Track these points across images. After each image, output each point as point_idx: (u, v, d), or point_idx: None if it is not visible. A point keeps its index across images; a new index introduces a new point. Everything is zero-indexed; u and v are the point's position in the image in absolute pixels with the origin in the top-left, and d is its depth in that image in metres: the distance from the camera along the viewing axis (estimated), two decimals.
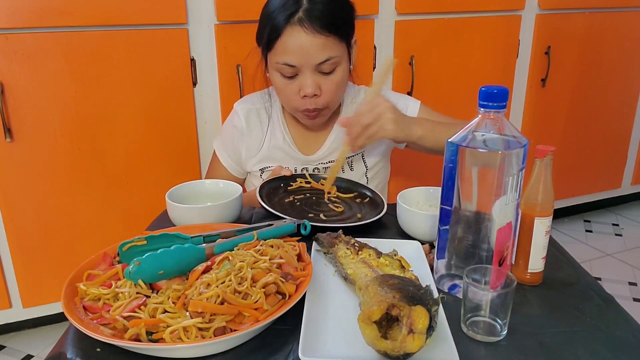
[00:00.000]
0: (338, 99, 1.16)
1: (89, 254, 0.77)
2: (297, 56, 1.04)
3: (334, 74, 1.08)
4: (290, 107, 1.14)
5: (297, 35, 1.02)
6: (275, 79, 1.10)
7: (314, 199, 1.06)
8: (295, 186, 1.09)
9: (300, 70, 1.06)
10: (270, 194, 1.03)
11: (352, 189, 1.11)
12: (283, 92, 1.11)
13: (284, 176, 1.11)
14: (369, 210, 1.03)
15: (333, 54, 1.05)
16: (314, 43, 1.03)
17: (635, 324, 0.69)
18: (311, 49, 1.03)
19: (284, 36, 1.03)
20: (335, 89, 1.10)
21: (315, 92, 1.07)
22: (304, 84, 1.07)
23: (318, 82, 1.07)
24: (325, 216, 0.98)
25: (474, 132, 0.70)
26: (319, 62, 1.05)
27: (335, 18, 1.04)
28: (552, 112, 2.17)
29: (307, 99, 1.08)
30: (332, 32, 1.04)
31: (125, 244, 0.76)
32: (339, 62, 1.08)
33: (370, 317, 0.59)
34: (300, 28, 1.02)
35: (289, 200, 1.03)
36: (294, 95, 1.09)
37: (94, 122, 1.50)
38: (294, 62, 1.04)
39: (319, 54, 1.04)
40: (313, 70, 1.06)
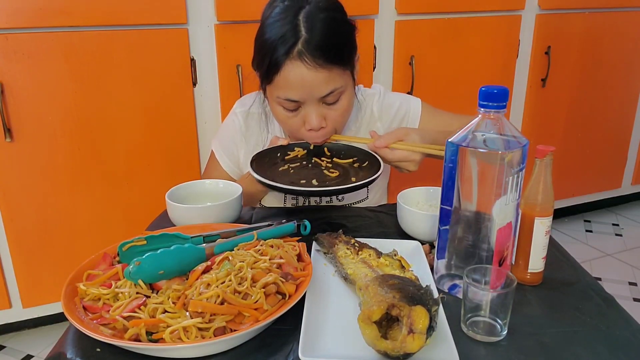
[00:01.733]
0: (345, 123, 1.11)
1: (89, 254, 0.77)
2: (300, 91, 0.98)
3: (339, 103, 1.03)
4: (294, 136, 1.09)
5: (298, 70, 0.96)
6: (277, 112, 1.05)
7: (309, 166, 1.03)
8: (292, 155, 1.06)
9: (304, 103, 1.01)
10: (263, 163, 0.99)
11: (351, 154, 1.07)
12: (286, 125, 1.06)
13: (282, 146, 1.07)
14: (365, 174, 0.99)
15: (337, 85, 0.99)
16: (317, 77, 0.96)
17: (635, 324, 0.69)
18: (314, 83, 0.97)
19: (284, 71, 0.96)
20: (341, 117, 1.06)
21: (321, 124, 1.02)
22: (309, 117, 1.01)
23: (323, 113, 1.02)
24: (318, 181, 0.95)
25: (474, 132, 0.70)
26: (323, 95, 0.99)
27: (336, 46, 0.98)
28: (552, 112, 2.17)
29: (313, 132, 1.04)
30: (335, 63, 0.98)
31: (125, 244, 0.76)
32: (343, 91, 1.02)
33: (370, 317, 0.59)
34: (301, 63, 0.95)
35: (284, 168, 1.01)
36: (298, 127, 1.05)
37: (94, 122, 1.51)
38: (296, 97, 0.99)
39: (322, 88, 0.98)
40: (317, 103, 1.00)
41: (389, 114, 1.20)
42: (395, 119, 1.20)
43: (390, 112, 1.20)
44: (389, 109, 1.20)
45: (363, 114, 1.20)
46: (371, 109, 1.20)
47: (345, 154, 1.08)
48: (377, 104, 1.20)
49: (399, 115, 1.20)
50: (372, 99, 1.20)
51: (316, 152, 1.08)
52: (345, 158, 1.07)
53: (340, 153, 1.08)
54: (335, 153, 1.08)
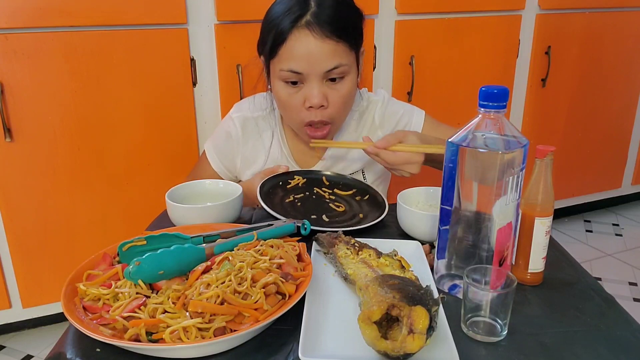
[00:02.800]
0: (345, 114, 1.09)
1: (89, 254, 0.77)
2: (304, 62, 0.97)
3: (342, 84, 1.01)
4: (294, 120, 1.07)
5: (304, 39, 0.95)
6: (279, 90, 1.03)
7: (313, 197, 1.04)
8: (293, 183, 1.07)
9: (307, 78, 0.99)
10: (269, 194, 1.01)
11: (350, 186, 1.10)
12: (287, 103, 1.04)
13: (283, 174, 1.08)
14: (369, 208, 1.02)
15: (342, 61, 0.98)
16: (323, 49, 0.95)
17: (635, 324, 0.69)
18: (320, 54, 0.96)
19: (290, 41, 0.96)
20: (342, 101, 1.03)
21: (322, 102, 1.00)
22: (310, 94, 0.99)
23: (325, 92, 1.00)
24: (328, 217, 0.97)
25: (474, 132, 0.70)
26: (328, 69, 0.98)
27: (345, 23, 0.98)
28: (552, 112, 2.17)
29: (313, 111, 1.01)
30: (342, 38, 0.97)
31: (125, 244, 0.76)
32: (347, 72, 1.01)
33: (370, 317, 0.59)
34: (309, 32, 0.95)
35: (289, 200, 1.02)
36: (298, 107, 1.02)
37: (94, 122, 1.51)
38: (300, 69, 0.97)
39: (327, 61, 0.97)
40: (320, 80, 0.99)
41: (391, 122, 1.18)
42: (397, 129, 1.18)
43: (391, 120, 1.19)
44: (391, 118, 1.19)
45: (365, 120, 1.19)
46: (373, 116, 1.18)
47: (343, 185, 1.10)
48: (380, 111, 1.18)
49: (401, 125, 1.19)
50: (375, 106, 1.18)
51: (315, 181, 1.09)
52: (345, 189, 1.08)
53: (339, 184, 1.10)
54: (334, 184, 1.10)
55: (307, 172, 1.12)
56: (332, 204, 1.03)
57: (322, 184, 1.09)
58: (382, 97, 1.19)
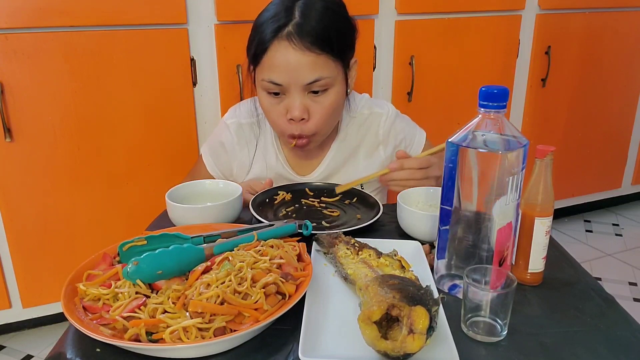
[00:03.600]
0: (329, 126, 1.07)
1: (89, 254, 0.77)
2: (284, 74, 0.96)
3: (324, 96, 0.99)
4: (277, 130, 1.07)
5: (284, 51, 0.94)
6: (262, 98, 1.03)
7: (304, 208, 1.03)
8: (279, 199, 1.06)
9: (288, 90, 0.98)
10: (261, 211, 0.99)
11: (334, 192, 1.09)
12: (269, 113, 1.04)
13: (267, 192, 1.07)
14: (364, 209, 1.02)
15: (324, 74, 0.96)
16: (303, 61, 0.94)
17: (635, 324, 0.69)
18: (299, 67, 0.94)
19: (270, 51, 0.95)
20: (325, 114, 1.01)
21: (303, 115, 0.98)
22: (291, 105, 0.98)
23: (306, 104, 0.99)
24: (327, 222, 0.97)
25: (474, 132, 0.70)
26: (308, 82, 0.96)
27: (328, 35, 0.96)
28: (552, 112, 2.17)
29: (294, 124, 1.00)
30: (324, 50, 0.95)
31: (125, 244, 0.76)
32: (331, 84, 0.99)
33: (370, 318, 0.59)
34: (288, 43, 0.94)
35: (283, 214, 1.01)
36: (280, 117, 1.01)
37: (94, 122, 1.51)
38: (280, 80, 0.96)
39: (307, 74, 0.95)
40: (301, 92, 0.98)
41: (395, 141, 1.18)
42: (399, 148, 1.18)
43: (396, 139, 1.18)
44: (397, 136, 1.18)
45: (367, 129, 1.17)
46: (377, 130, 1.16)
47: (328, 192, 1.09)
48: (386, 126, 1.16)
49: (403, 145, 1.19)
50: (379, 119, 1.16)
51: (300, 193, 1.09)
52: (331, 196, 1.08)
53: (323, 192, 1.10)
54: (318, 192, 1.09)
55: (289, 186, 1.11)
56: (325, 211, 1.02)
57: (307, 195, 1.09)
58: (387, 111, 1.17)
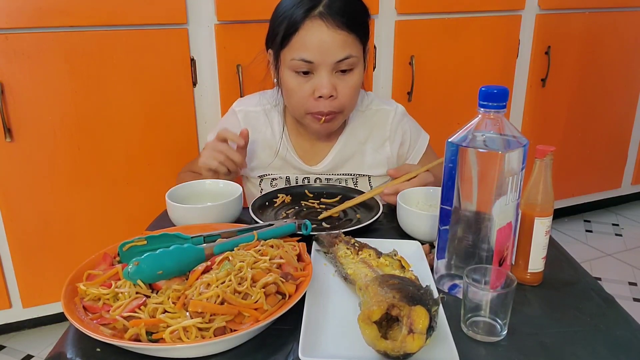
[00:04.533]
0: (353, 104, 1.11)
1: (89, 254, 0.77)
2: (316, 52, 0.99)
3: (350, 75, 1.04)
4: (302, 110, 1.07)
5: (317, 29, 0.98)
6: (288, 79, 1.05)
7: (304, 210, 1.04)
8: (278, 202, 1.06)
9: (317, 68, 1.01)
10: (261, 214, 0.99)
11: (335, 193, 1.10)
12: (296, 93, 1.05)
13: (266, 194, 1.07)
14: (363, 209, 1.02)
15: (353, 52, 1.01)
16: (335, 39, 0.98)
17: (635, 324, 0.69)
18: (331, 45, 0.99)
19: (302, 30, 0.99)
20: (350, 92, 1.05)
21: (331, 92, 1.02)
22: (320, 84, 1.01)
23: (334, 83, 1.02)
24: (327, 223, 0.97)
25: (474, 132, 0.70)
26: (339, 59, 1.00)
27: (355, 16, 1.01)
28: (552, 112, 2.17)
29: (322, 101, 1.03)
30: (353, 30, 1.00)
31: (125, 244, 0.76)
32: (356, 64, 1.03)
33: (370, 317, 0.59)
34: (322, 22, 0.98)
35: (283, 216, 1.01)
36: (306, 96, 1.04)
37: (94, 122, 1.51)
38: (312, 58, 1.00)
39: (339, 51, 0.99)
40: (330, 70, 1.01)
41: (400, 138, 1.19)
42: (403, 146, 1.20)
43: (402, 136, 1.19)
44: (402, 134, 1.19)
45: (374, 123, 1.18)
46: (384, 127, 1.18)
47: (328, 194, 1.10)
48: (394, 123, 1.18)
49: (406, 144, 1.20)
50: (387, 116, 1.18)
51: (299, 196, 1.10)
52: (331, 197, 1.09)
53: (323, 194, 1.10)
54: (318, 194, 1.10)
55: (288, 188, 1.11)
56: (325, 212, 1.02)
57: (306, 197, 1.09)
58: (395, 108, 1.20)
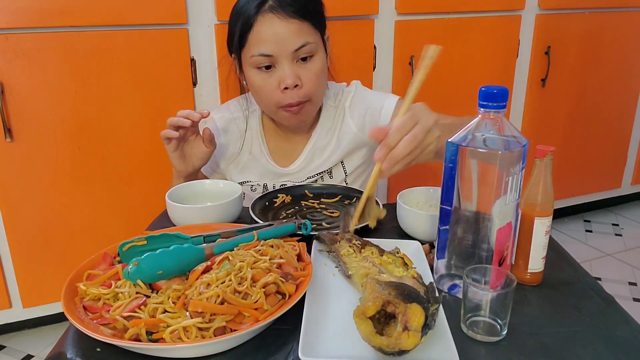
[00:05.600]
0: (320, 91, 1.11)
1: (89, 254, 0.77)
2: (273, 44, 1.00)
3: (312, 62, 1.05)
4: (271, 105, 1.08)
5: (269, 23, 1.00)
6: (252, 77, 1.06)
7: (305, 210, 1.04)
8: (278, 202, 1.06)
9: (278, 60, 1.02)
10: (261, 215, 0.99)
11: (334, 193, 1.10)
12: (262, 90, 1.06)
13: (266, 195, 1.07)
14: None
15: (309, 39, 1.02)
16: (289, 29, 1.00)
17: (635, 324, 0.69)
18: (286, 35, 1.00)
19: (256, 26, 1.00)
20: (315, 78, 1.05)
21: (296, 82, 1.03)
22: (283, 74, 1.02)
23: (297, 72, 1.03)
24: (327, 223, 0.97)
25: (474, 132, 0.70)
26: (296, 47, 1.01)
27: (306, 4, 1.02)
28: (552, 112, 2.17)
29: (289, 92, 1.04)
30: (305, 18, 1.02)
31: (125, 244, 0.76)
32: (315, 50, 1.04)
33: (365, 313, 0.59)
34: (273, 15, 1.00)
35: (283, 216, 1.01)
36: (273, 90, 1.04)
37: (94, 122, 1.51)
38: (270, 51, 1.01)
39: (294, 40, 1.01)
40: (291, 60, 1.02)
41: (360, 108, 1.18)
42: (367, 113, 1.17)
43: (360, 106, 1.18)
44: (360, 103, 1.18)
45: (339, 112, 1.19)
46: (344, 107, 1.19)
47: (327, 194, 1.10)
48: (349, 100, 1.19)
49: (371, 109, 1.17)
50: (347, 97, 1.19)
51: (299, 196, 1.09)
52: (331, 197, 1.09)
53: (323, 194, 1.10)
54: (317, 194, 1.10)
55: (288, 189, 1.11)
56: (325, 212, 1.02)
57: (306, 197, 1.09)
58: (354, 88, 1.21)
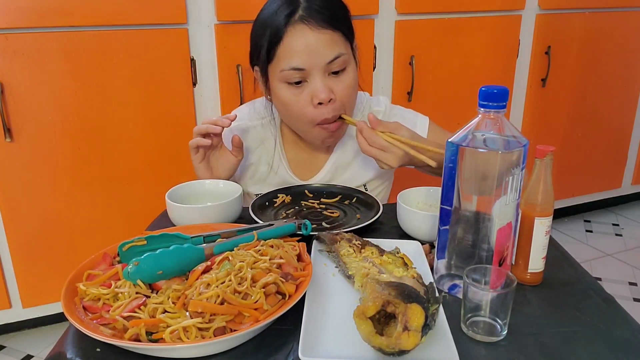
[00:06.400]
0: (353, 105, 1.06)
1: (89, 254, 0.77)
2: (305, 57, 0.94)
3: (345, 75, 0.99)
4: (303, 122, 1.02)
5: (301, 33, 0.94)
6: (282, 93, 0.99)
7: (305, 210, 1.03)
8: (278, 202, 1.06)
9: (309, 74, 0.96)
10: (261, 214, 0.98)
11: (335, 193, 1.09)
12: (293, 106, 1.00)
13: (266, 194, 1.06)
14: (363, 209, 1.02)
15: (342, 50, 0.97)
16: (321, 39, 0.94)
17: (635, 324, 0.69)
18: (319, 46, 0.94)
19: (286, 38, 0.94)
20: (348, 92, 1.00)
21: (330, 96, 0.97)
22: (316, 89, 0.96)
23: (330, 86, 0.98)
24: (327, 223, 0.97)
25: (474, 132, 0.70)
26: (329, 60, 0.95)
27: (336, 13, 0.97)
28: (552, 112, 2.17)
29: (322, 107, 0.98)
30: (337, 28, 0.96)
31: (125, 244, 0.76)
32: (348, 62, 0.99)
33: (364, 313, 0.59)
34: (305, 25, 0.93)
35: (283, 216, 1.01)
36: (305, 106, 0.99)
37: (94, 122, 1.51)
38: (302, 64, 0.95)
39: (328, 51, 0.95)
40: (323, 74, 0.97)
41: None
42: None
43: None
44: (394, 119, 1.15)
45: None
46: None
47: (328, 193, 1.09)
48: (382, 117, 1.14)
49: None
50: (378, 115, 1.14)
51: (299, 195, 1.08)
52: (331, 197, 1.08)
53: (323, 193, 1.09)
54: (318, 194, 1.09)
55: (287, 188, 1.10)
56: (325, 212, 1.02)
57: (306, 197, 1.08)
58: (385, 105, 1.17)
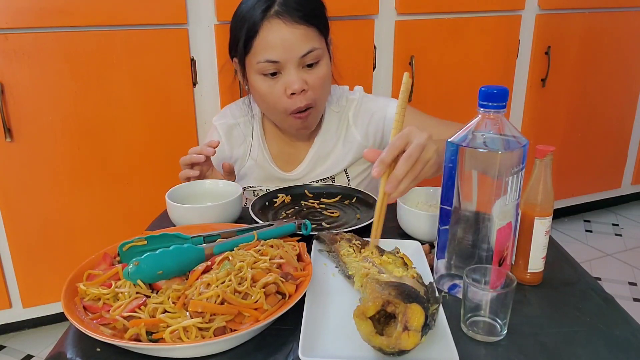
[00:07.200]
0: (325, 96, 1.11)
1: (89, 254, 0.77)
2: (280, 50, 0.99)
3: (318, 68, 1.04)
4: (277, 111, 1.07)
5: (276, 28, 0.98)
6: (258, 84, 1.04)
7: (305, 210, 1.03)
8: (278, 202, 1.06)
9: (284, 66, 1.01)
10: (261, 214, 0.98)
11: (335, 193, 1.09)
12: (268, 96, 1.05)
13: (266, 195, 1.07)
14: (363, 209, 1.02)
15: (315, 45, 1.01)
16: (296, 34, 0.99)
17: (635, 324, 0.69)
18: (293, 41, 0.99)
19: (262, 32, 0.99)
20: (321, 83, 1.05)
21: (303, 87, 1.02)
22: (290, 80, 1.01)
23: (303, 77, 1.02)
24: (327, 223, 0.97)
25: (474, 132, 0.70)
26: (303, 54, 1.00)
27: (312, 9, 1.01)
28: (552, 112, 2.17)
29: (296, 97, 1.03)
30: (312, 24, 1.00)
31: (125, 244, 0.76)
32: (321, 56, 1.03)
33: (364, 313, 0.59)
34: (280, 20, 0.98)
35: (283, 216, 1.01)
36: (280, 97, 1.03)
37: (94, 122, 1.51)
38: (276, 57, 1.00)
39: (301, 46, 1.00)
40: (297, 66, 1.01)
41: (364, 119, 1.17)
42: (372, 124, 1.17)
43: (364, 117, 1.17)
44: (364, 115, 1.17)
45: (343, 120, 1.18)
46: (347, 116, 1.17)
47: (328, 193, 1.10)
48: (354, 110, 1.17)
49: (375, 120, 1.17)
50: (352, 105, 1.18)
51: (299, 196, 1.09)
52: (331, 197, 1.08)
53: (323, 193, 1.10)
54: (318, 194, 1.10)
55: (287, 189, 1.11)
56: (325, 212, 1.02)
57: (306, 197, 1.09)
58: (358, 96, 1.19)
